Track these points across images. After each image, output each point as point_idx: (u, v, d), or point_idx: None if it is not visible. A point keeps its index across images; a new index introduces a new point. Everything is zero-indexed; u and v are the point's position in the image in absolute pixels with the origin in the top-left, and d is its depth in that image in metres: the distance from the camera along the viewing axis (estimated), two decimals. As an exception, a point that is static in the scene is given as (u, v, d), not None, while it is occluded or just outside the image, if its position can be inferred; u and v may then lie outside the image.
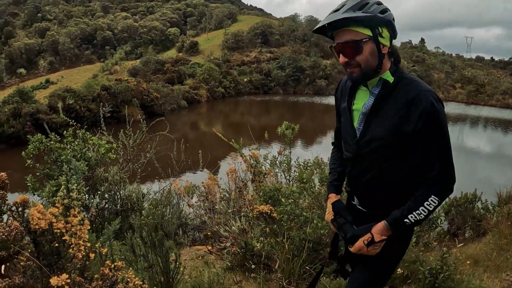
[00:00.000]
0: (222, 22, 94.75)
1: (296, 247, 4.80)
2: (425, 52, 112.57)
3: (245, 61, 72.79)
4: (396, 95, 2.41)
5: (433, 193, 2.40)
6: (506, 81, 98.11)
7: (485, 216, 11.35)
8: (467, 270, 6.33)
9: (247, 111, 51.45)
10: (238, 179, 6.99)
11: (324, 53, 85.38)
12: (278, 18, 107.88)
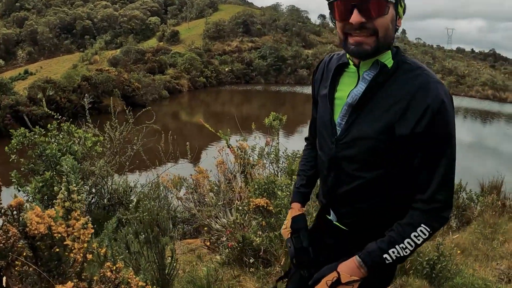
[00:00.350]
0: (203, 11, 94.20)
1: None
2: (407, 43, 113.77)
3: (226, 50, 72.71)
4: (394, 83, 1.85)
5: (424, 222, 1.81)
6: (486, 72, 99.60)
7: (469, 205, 11.50)
8: (459, 260, 6.37)
9: (229, 101, 51.44)
10: (227, 171, 6.90)
11: (306, 43, 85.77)
12: (259, 7, 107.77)
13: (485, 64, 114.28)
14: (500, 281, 5.75)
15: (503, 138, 42.33)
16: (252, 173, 6.97)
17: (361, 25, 1.75)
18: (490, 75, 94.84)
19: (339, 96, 1.98)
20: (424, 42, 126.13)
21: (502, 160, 30.83)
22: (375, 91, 1.85)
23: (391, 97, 1.82)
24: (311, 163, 2.40)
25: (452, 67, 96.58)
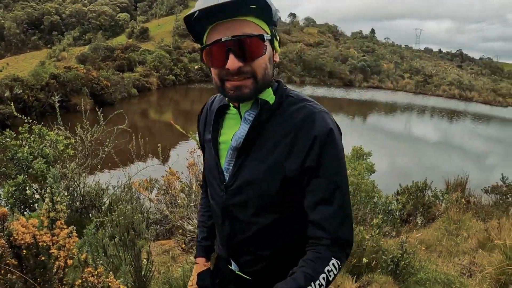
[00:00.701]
0: (173, 8, 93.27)
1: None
2: (375, 43, 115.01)
3: (196, 48, 71.85)
4: (279, 120, 1.74)
5: (333, 256, 1.68)
6: (453, 72, 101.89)
7: (434, 203, 11.86)
8: (423, 256, 6.60)
9: (198, 99, 51.21)
10: (198, 172, 6.96)
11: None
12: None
13: (452, 64, 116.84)
14: (462, 276, 6.00)
15: (469, 136, 43.23)
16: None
17: (238, 70, 1.64)
18: (457, 75, 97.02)
19: (223, 140, 1.87)
20: (392, 42, 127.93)
21: (468, 157, 31.53)
22: (259, 131, 1.75)
23: (276, 134, 1.72)
24: (209, 213, 2.21)
25: (419, 66, 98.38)
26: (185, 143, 20.26)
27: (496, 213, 10.73)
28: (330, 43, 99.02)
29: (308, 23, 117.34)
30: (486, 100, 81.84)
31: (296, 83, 75.51)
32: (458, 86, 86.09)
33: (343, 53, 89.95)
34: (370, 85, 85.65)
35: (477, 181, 16.03)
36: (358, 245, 4.90)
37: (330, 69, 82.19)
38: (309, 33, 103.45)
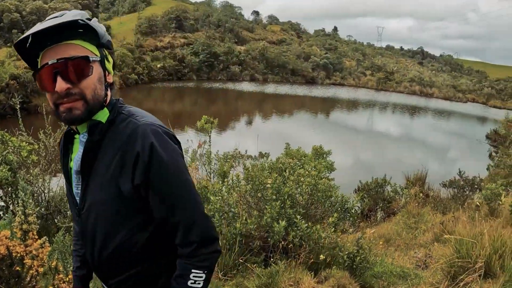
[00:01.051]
0: (135, 6, 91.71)
1: (228, 241, 5.04)
2: (338, 40, 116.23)
3: (158, 46, 71.29)
4: (111, 138, 1.75)
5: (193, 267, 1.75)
6: (414, 69, 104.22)
7: (394, 198, 12.23)
8: (380, 250, 6.87)
9: (161, 98, 50.85)
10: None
11: (238, 39, 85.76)
12: (193, 2, 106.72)
13: (413, 61, 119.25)
14: (417, 268, 6.28)
15: (430, 131, 44.11)
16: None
17: (66, 92, 1.65)
18: (417, 72, 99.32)
19: (71, 165, 1.86)
20: (355, 40, 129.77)
21: (428, 152, 32.23)
22: (94, 151, 1.75)
23: (109, 153, 1.72)
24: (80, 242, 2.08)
25: (381, 64, 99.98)
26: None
27: (454, 206, 11.14)
28: (293, 41, 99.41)
29: (271, 20, 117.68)
30: (446, 96, 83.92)
31: (259, 81, 75.60)
32: (419, 83, 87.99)
33: (306, 51, 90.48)
34: (332, 82, 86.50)
35: (437, 175, 16.53)
36: (315, 242, 5.11)
37: (292, 66, 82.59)
38: (272, 31, 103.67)
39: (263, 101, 55.53)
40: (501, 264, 4.56)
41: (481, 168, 20.36)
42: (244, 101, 54.20)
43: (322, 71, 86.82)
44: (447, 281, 4.76)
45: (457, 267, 4.74)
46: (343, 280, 4.78)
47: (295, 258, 5.08)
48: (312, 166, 6.29)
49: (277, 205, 5.12)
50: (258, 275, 4.80)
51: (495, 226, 5.33)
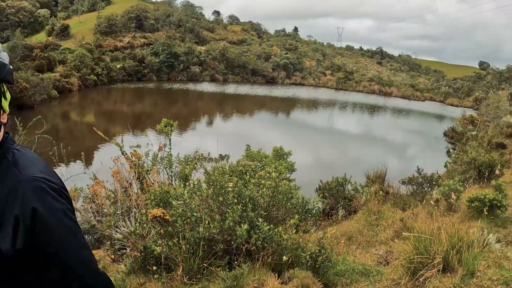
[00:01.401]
0: (95, 4, 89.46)
1: (192, 246, 5.00)
2: (298, 41, 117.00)
3: (118, 46, 70.22)
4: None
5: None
6: (373, 69, 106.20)
7: (355, 196, 12.39)
8: (342, 249, 6.95)
9: (120, 99, 50.21)
10: (123, 179, 6.93)
11: (199, 39, 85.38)
12: (154, 1, 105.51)
13: (372, 61, 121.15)
14: (379, 264, 6.38)
15: (389, 129, 44.89)
16: (147, 180, 7.07)
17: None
18: (377, 71, 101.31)
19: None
20: (315, 40, 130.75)
21: (388, 149, 32.80)
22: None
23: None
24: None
25: (341, 63, 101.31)
26: (108, 147, 19.95)
27: (413, 202, 11.35)
28: (253, 41, 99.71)
29: (232, 20, 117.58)
30: (405, 95, 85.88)
31: (219, 81, 75.67)
32: (378, 82, 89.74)
33: (266, 51, 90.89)
34: (292, 82, 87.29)
35: (396, 172, 16.82)
36: (278, 244, 5.14)
37: (253, 67, 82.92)
38: (233, 31, 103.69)
39: (223, 101, 55.56)
40: (459, 258, 4.68)
41: (439, 164, 20.83)
42: (205, 102, 54.11)
43: (283, 71, 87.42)
44: (408, 276, 4.86)
45: (417, 263, 4.83)
46: (306, 280, 4.81)
47: (259, 260, 5.08)
48: (273, 168, 6.31)
49: (239, 209, 5.12)
50: (223, 278, 4.79)
51: (453, 222, 5.44)
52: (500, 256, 4.89)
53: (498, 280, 4.33)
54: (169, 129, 8.33)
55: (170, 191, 5.65)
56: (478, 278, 4.43)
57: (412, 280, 4.72)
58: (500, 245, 5.82)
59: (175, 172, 7.70)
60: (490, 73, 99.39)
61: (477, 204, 9.21)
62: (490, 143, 25.72)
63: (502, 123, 27.98)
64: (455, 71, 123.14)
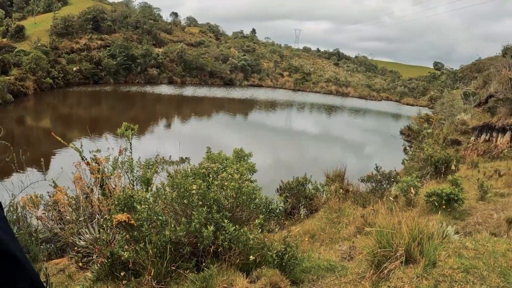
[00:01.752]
0: (51, 5, 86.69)
1: (159, 249, 5.01)
2: (256, 42, 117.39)
3: (74, 48, 68.34)
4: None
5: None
6: (330, 70, 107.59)
7: (315, 195, 12.58)
8: (307, 246, 7.07)
9: (77, 103, 49.26)
10: (84, 185, 6.82)
11: (157, 41, 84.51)
12: (111, 2, 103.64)
13: (329, 62, 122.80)
14: (343, 260, 6.52)
15: (347, 128, 45.58)
16: (109, 185, 7.00)
17: None
18: (334, 72, 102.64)
19: None
20: (273, 42, 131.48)
21: (346, 148, 33.32)
22: None
23: None
24: None
25: (298, 65, 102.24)
26: (65, 152, 19.61)
27: (373, 199, 11.61)
28: (211, 43, 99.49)
29: (189, 22, 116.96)
30: (362, 95, 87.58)
31: (177, 84, 75.13)
32: (335, 83, 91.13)
33: (224, 53, 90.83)
34: (250, 84, 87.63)
35: (356, 171, 17.13)
36: (244, 244, 5.21)
37: (211, 68, 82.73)
38: (191, 33, 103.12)
39: (182, 104, 55.30)
40: (420, 250, 4.85)
41: (396, 162, 21.33)
42: (163, 105, 53.66)
43: (240, 73, 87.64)
44: (372, 269, 5.00)
45: (380, 256, 4.97)
46: (274, 278, 4.89)
47: (226, 261, 5.13)
48: (234, 169, 6.36)
49: (204, 211, 5.16)
50: (192, 280, 4.83)
51: (413, 216, 5.61)
52: (459, 246, 5.10)
53: (459, 268, 4.51)
54: (129, 133, 8.26)
55: (134, 195, 5.62)
56: (439, 267, 4.60)
57: (377, 273, 4.86)
58: (459, 236, 6.05)
59: (136, 177, 7.62)
60: (444, 73, 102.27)
61: (435, 198, 9.54)
62: (445, 140, 26.56)
63: (456, 120, 28.93)
64: (410, 72, 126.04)
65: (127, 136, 8.20)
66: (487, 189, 11.10)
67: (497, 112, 24.80)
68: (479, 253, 4.87)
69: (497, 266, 4.53)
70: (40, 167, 7.40)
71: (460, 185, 10.11)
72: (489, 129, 24.59)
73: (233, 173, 6.13)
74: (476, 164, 18.50)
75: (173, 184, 5.88)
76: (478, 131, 25.72)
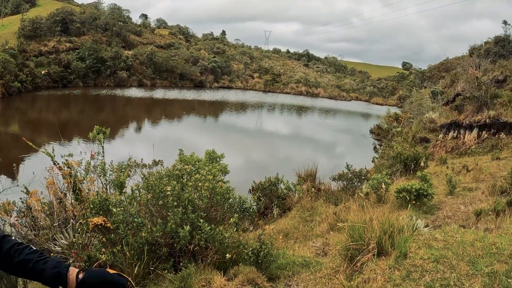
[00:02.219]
0: (19, 6, 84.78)
1: (136, 251, 5.08)
2: (226, 44, 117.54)
3: (43, 51, 66.86)
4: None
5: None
6: (300, 71, 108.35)
7: (288, 194, 12.74)
8: (281, 244, 7.20)
9: (46, 107, 48.40)
10: (57, 190, 6.76)
11: (126, 43, 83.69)
12: (80, 4, 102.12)
13: (299, 64, 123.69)
14: (318, 256, 6.67)
15: (317, 128, 45.96)
16: (83, 189, 6.97)
17: None
18: (303, 73, 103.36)
19: None
20: (242, 43, 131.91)
21: (317, 148, 33.62)
22: None
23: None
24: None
25: (268, 66, 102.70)
26: (36, 157, 19.37)
27: (345, 197, 11.82)
28: (181, 45, 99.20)
29: (159, 24, 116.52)
30: (332, 95, 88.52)
31: (147, 86, 74.55)
32: (305, 84, 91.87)
33: (194, 55, 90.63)
34: (221, 86, 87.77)
35: (327, 170, 17.36)
36: (220, 243, 5.30)
37: (181, 71, 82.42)
38: (160, 35, 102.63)
39: (152, 106, 54.98)
40: (391, 242, 5.03)
41: (367, 160, 21.69)
42: (133, 108, 53.21)
43: (211, 75, 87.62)
44: (346, 263, 5.15)
45: (353, 250, 5.14)
46: (251, 275, 4.99)
47: (203, 260, 5.22)
48: (207, 171, 6.43)
49: (179, 211, 5.23)
50: (170, 280, 4.91)
51: (383, 211, 5.79)
52: (429, 238, 5.27)
53: (429, 258, 4.69)
54: (101, 136, 8.21)
55: (109, 198, 5.63)
56: (410, 258, 4.77)
57: (350, 266, 5.02)
58: (428, 229, 6.23)
59: (109, 180, 7.58)
60: (413, 72, 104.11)
61: (405, 194, 9.79)
62: (414, 138, 27.14)
63: (425, 119, 29.62)
64: (379, 72, 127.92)
65: (99, 139, 8.15)
66: (455, 184, 11.47)
67: (464, 110, 25.61)
68: (448, 244, 5.06)
69: (465, 255, 4.72)
70: (9, 173, 7.29)
71: (429, 181, 10.40)
72: (456, 127, 25.43)
73: (206, 174, 6.21)
74: (445, 161, 19.04)
75: (147, 186, 5.89)
76: (446, 129, 26.52)
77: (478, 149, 22.11)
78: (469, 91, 25.37)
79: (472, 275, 4.37)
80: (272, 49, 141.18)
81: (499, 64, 28.10)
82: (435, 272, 4.47)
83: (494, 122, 22.82)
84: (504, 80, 26.21)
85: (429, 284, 4.32)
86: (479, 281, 4.25)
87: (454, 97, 28.81)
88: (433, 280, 4.36)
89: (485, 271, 4.37)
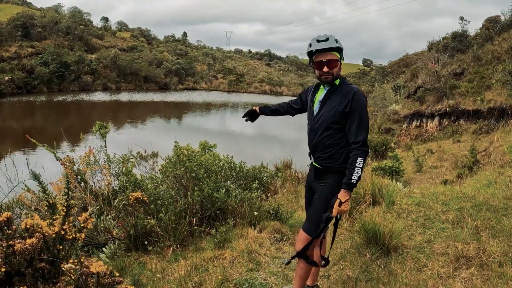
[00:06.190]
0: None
1: (174, 219, 6.06)
2: (188, 46, 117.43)
3: (4, 57, 65.52)
4: (339, 92, 3.84)
5: (358, 155, 3.65)
6: (263, 70, 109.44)
7: (271, 182, 13.97)
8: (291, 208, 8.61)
9: (11, 115, 46.99)
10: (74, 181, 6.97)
11: (88, 47, 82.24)
12: (39, 8, 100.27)
13: (261, 63, 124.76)
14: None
15: (284, 127, 46.91)
16: (92, 184, 7.54)
17: (328, 72, 3.83)
18: (266, 73, 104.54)
19: (316, 98, 4.05)
20: (204, 44, 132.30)
21: (287, 145, 34.70)
22: (330, 95, 3.90)
23: (338, 97, 3.83)
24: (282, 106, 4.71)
25: (232, 67, 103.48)
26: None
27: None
28: (144, 48, 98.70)
29: (120, 27, 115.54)
30: (295, 93, 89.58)
31: (112, 90, 73.63)
32: (269, 83, 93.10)
33: (158, 57, 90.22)
34: (185, 87, 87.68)
35: (304, 164, 18.67)
36: (249, 204, 6.71)
37: (145, 73, 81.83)
38: (122, 38, 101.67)
39: (118, 110, 54.74)
40: (381, 195, 6.83)
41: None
42: (99, 112, 52.58)
43: (175, 77, 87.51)
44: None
45: (352, 202, 6.65)
46: (276, 226, 6.41)
47: (237, 218, 6.49)
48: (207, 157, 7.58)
49: (212, 179, 6.51)
50: (213, 235, 5.99)
51: (370, 176, 7.41)
52: (409, 192, 7.03)
53: (412, 204, 6.45)
54: (104, 131, 8.99)
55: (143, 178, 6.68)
56: (397, 205, 6.50)
57: (352, 215, 6.51)
58: (407, 188, 7.91)
59: (115, 170, 7.92)
60: (373, 69, 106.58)
61: (380, 172, 11.34)
62: (380, 129, 28.93)
63: (389, 111, 31.46)
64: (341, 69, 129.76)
65: (102, 134, 8.96)
66: (422, 163, 13.07)
67: (425, 100, 27.79)
68: (424, 195, 6.80)
69: (439, 200, 6.49)
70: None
71: (399, 160, 11.98)
72: (419, 116, 27.72)
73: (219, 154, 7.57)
74: (410, 147, 20.97)
75: (176, 161, 6.96)
76: (409, 119, 28.71)
77: (440, 135, 24.36)
78: (430, 83, 27.53)
79: (446, 211, 6.07)
80: (234, 49, 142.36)
81: (456, 58, 30.31)
82: (418, 212, 6.19)
83: (454, 110, 25.17)
84: (462, 72, 28.42)
85: (415, 219, 5.97)
86: (452, 214, 5.95)
87: (415, 89, 30.94)
88: (417, 217, 6.04)
89: (455, 207, 6.12)
